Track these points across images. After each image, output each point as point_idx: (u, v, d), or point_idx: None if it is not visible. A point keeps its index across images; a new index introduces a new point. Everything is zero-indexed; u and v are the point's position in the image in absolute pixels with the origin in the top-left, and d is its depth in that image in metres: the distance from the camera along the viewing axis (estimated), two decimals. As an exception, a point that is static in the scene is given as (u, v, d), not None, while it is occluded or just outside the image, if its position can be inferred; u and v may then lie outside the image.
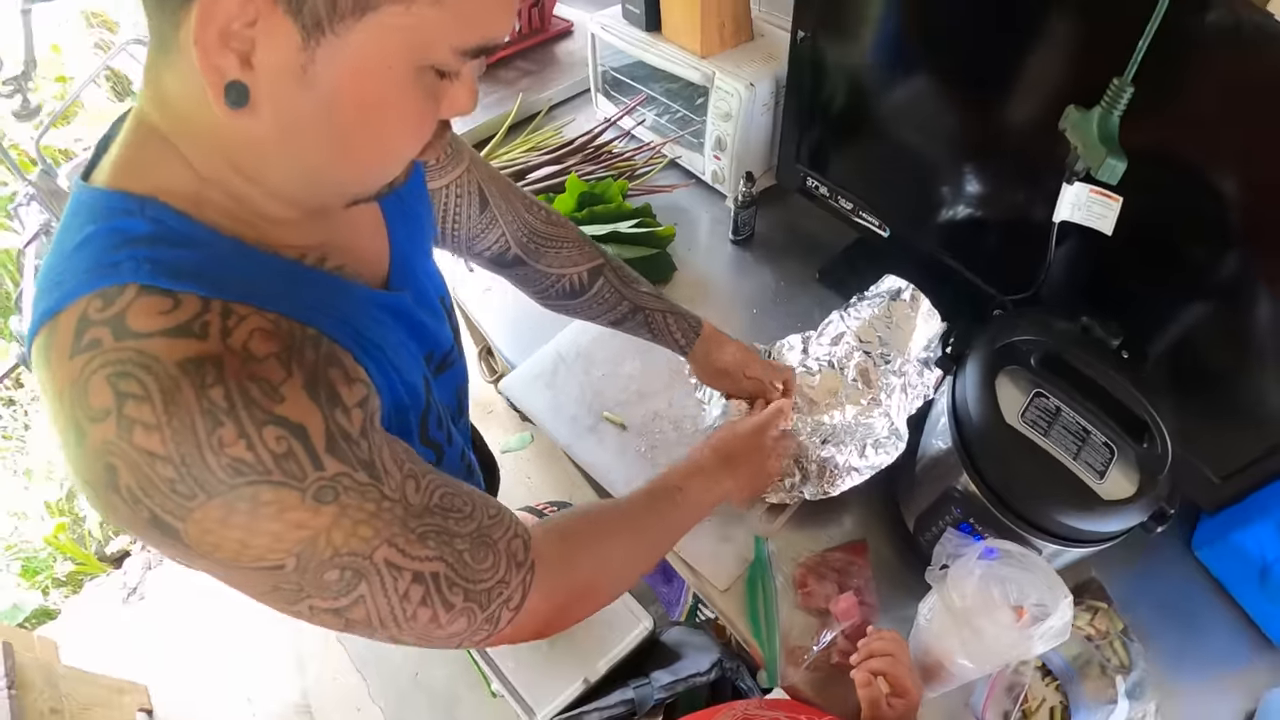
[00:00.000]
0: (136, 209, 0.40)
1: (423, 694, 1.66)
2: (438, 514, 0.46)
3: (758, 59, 1.10)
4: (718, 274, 1.15)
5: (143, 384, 0.36)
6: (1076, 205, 0.74)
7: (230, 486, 0.37)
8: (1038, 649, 0.65)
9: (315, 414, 0.40)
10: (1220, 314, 0.77)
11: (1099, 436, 0.71)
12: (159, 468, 0.36)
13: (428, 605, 0.45)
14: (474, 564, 0.48)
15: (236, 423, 0.37)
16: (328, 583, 0.41)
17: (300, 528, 0.39)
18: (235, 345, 0.38)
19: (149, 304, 0.37)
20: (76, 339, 0.37)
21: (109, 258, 0.39)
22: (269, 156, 0.40)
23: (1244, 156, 0.66)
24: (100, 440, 0.36)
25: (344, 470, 0.40)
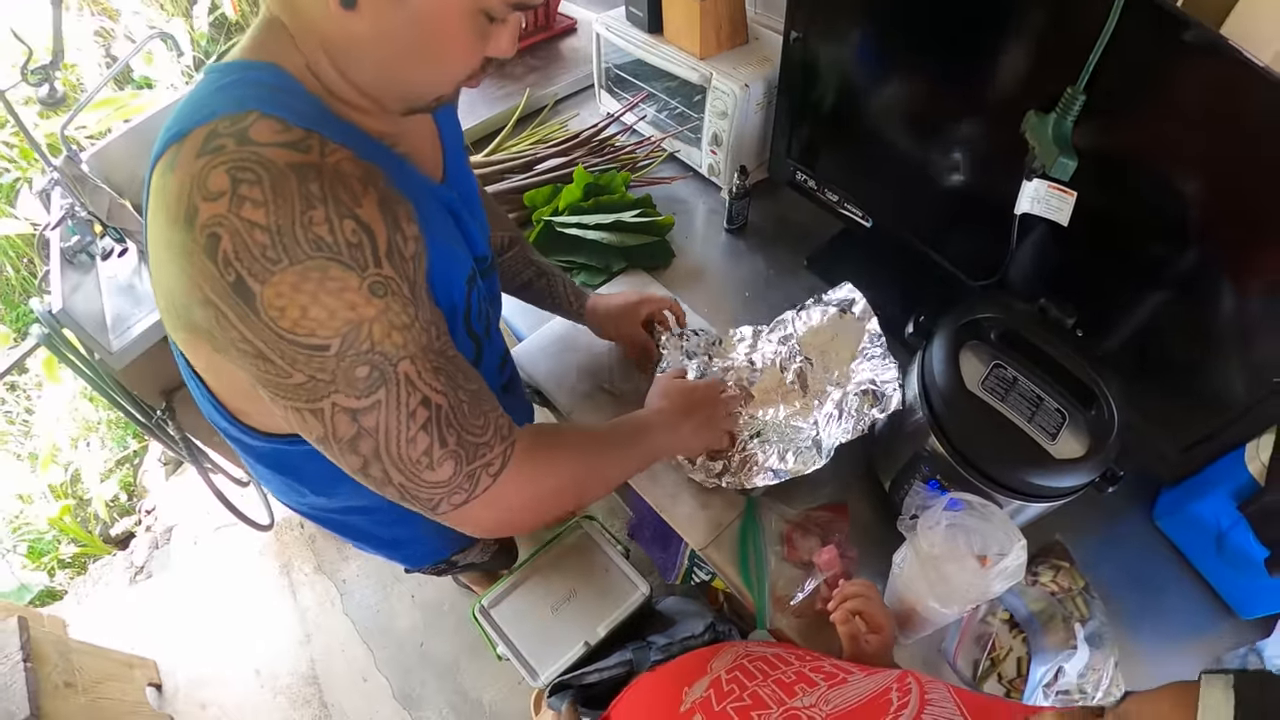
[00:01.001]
0: (262, 67, 0.52)
1: (428, 663, 1.73)
2: (451, 362, 0.56)
3: (753, 61, 1.18)
4: (713, 260, 1.24)
5: (256, 174, 0.45)
6: (1035, 199, 0.83)
7: (309, 257, 0.46)
8: (996, 588, 0.74)
9: (382, 225, 0.50)
10: (1170, 298, 0.85)
11: (1051, 403, 0.80)
12: (257, 235, 0.45)
13: (428, 432, 0.53)
14: (470, 416, 0.56)
15: (325, 208, 0.47)
16: (356, 378, 0.50)
17: (352, 309, 0.48)
18: (330, 162, 0.49)
19: (267, 124, 0.48)
20: (205, 144, 0.47)
21: (239, 95, 0.49)
22: (359, 53, 0.51)
23: (1186, 157, 0.75)
24: (210, 214, 0.45)
25: (394, 277, 0.51)
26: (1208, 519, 0.91)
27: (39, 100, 1.46)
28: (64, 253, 1.45)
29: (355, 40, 0.50)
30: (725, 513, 0.95)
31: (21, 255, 2.58)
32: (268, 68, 0.52)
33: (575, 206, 1.18)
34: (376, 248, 0.49)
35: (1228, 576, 0.93)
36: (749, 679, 0.60)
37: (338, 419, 0.51)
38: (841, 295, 0.99)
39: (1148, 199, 0.81)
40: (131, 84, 2.56)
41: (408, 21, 0.49)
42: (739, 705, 0.57)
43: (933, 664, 0.88)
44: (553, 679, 1.34)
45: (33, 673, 1.49)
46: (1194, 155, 0.74)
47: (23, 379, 2.34)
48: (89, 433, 2.23)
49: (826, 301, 1.00)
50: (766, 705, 0.57)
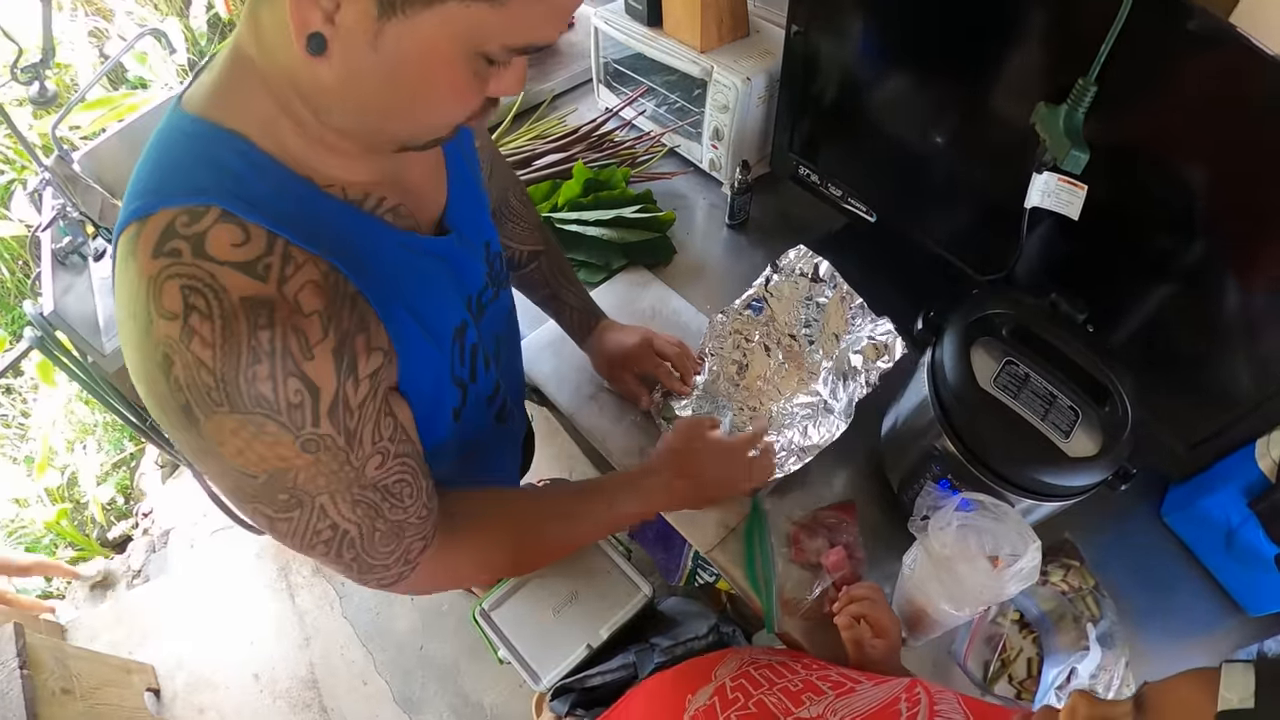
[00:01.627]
0: (227, 140, 0.48)
1: (428, 666, 1.72)
2: (379, 493, 0.56)
3: (754, 54, 1.17)
4: (715, 256, 1.23)
5: (209, 304, 0.44)
6: (1046, 192, 0.81)
7: (248, 410, 0.46)
8: (1010, 589, 0.72)
9: (331, 380, 0.49)
10: (1182, 294, 0.84)
11: (1065, 400, 0.79)
12: (203, 374, 0.44)
13: (327, 549, 0.56)
14: (378, 545, 0.58)
15: (271, 365, 0.46)
16: (276, 499, 0.51)
17: (281, 459, 0.49)
18: (289, 294, 0.46)
19: (225, 233, 0.45)
20: (161, 241, 0.44)
21: (200, 180, 0.46)
22: (331, 99, 0.47)
23: (1198, 150, 0.73)
24: (164, 334, 0.44)
25: (331, 433, 0.50)
26: (1217, 516, 0.90)
27: (30, 99, 1.45)
28: (56, 254, 1.44)
29: (327, 89, 0.46)
30: (731, 514, 0.94)
31: (16, 257, 2.56)
32: (231, 141, 0.48)
33: (575, 203, 1.16)
34: (318, 407, 0.49)
35: (1237, 574, 0.92)
36: (754, 687, 0.59)
37: (256, 516, 0.54)
38: (801, 262, 1.00)
39: (1159, 192, 0.79)
40: (126, 84, 2.54)
41: (386, 69, 0.44)
42: (744, 714, 0.56)
43: (942, 666, 0.87)
44: (555, 682, 1.33)
45: (30, 680, 1.47)
46: (1205, 147, 0.73)
47: (18, 381, 2.32)
48: (85, 435, 2.21)
49: (788, 270, 1.00)
50: (773, 715, 0.56)
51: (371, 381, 0.53)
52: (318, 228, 0.50)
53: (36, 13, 1.29)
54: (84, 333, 1.34)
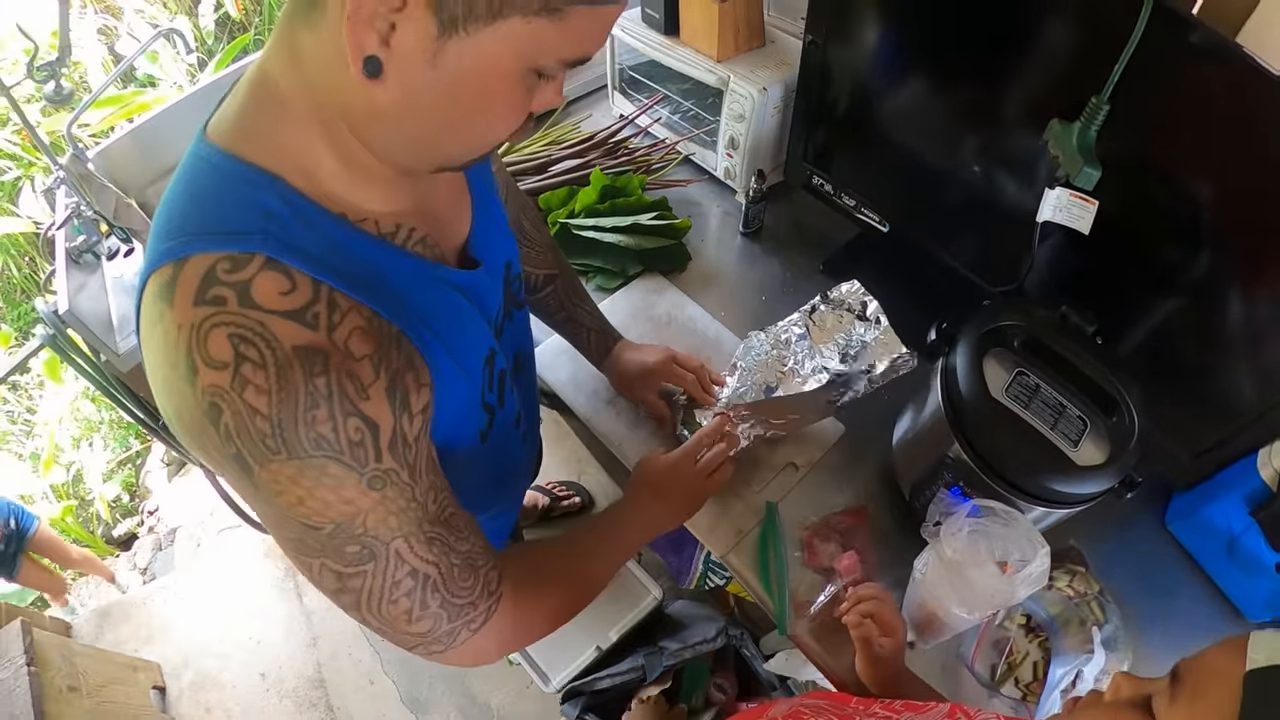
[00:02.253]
0: (266, 184, 0.47)
1: (435, 667, 1.73)
2: (444, 527, 0.55)
3: (770, 64, 1.19)
4: (729, 264, 1.25)
5: (261, 355, 0.43)
6: (1058, 207, 0.84)
7: (309, 454, 0.45)
8: (1020, 594, 0.74)
9: (388, 416, 0.49)
10: (1188, 307, 0.86)
11: (1074, 410, 0.81)
12: (258, 422, 0.44)
13: (410, 599, 0.54)
14: (459, 580, 0.56)
15: (330, 408, 0.45)
16: (346, 553, 0.50)
17: (348, 503, 0.48)
18: (339, 341, 0.46)
19: (271, 281, 0.45)
20: (202, 290, 0.43)
21: (239, 223, 0.46)
22: (384, 122, 0.47)
23: (1208, 169, 0.76)
24: (212, 383, 0.43)
25: (394, 467, 0.49)
26: (1219, 524, 0.92)
27: (45, 97, 1.46)
28: (69, 252, 1.45)
29: (381, 111, 0.46)
30: (746, 519, 0.96)
31: (24, 254, 2.58)
32: (272, 184, 0.47)
33: (591, 209, 1.18)
34: (379, 442, 0.48)
35: (1238, 581, 0.94)
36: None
37: (324, 575, 0.52)
38: (852, 297, 0.98)
39: (1167, 208, 0.82)
40: (135, 82, 2.55)
41: (444, 86, 0.44)
42: None
43: (951, 669, 0.89)
44: (564, 683, 1.35)
45: (36, 677, 1.49)
46: (1213, 164, 0.75)
47: (24, 379, 2.34)
48: (90, 433, 2.23)
49: (837, 301, 0.98)
50: None
51: (424, 416, 0.53)
52: (356, 269, 0.50)
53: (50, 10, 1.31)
54: (98, 331, 1.35)
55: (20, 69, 1.34)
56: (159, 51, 2.36)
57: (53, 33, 1.81)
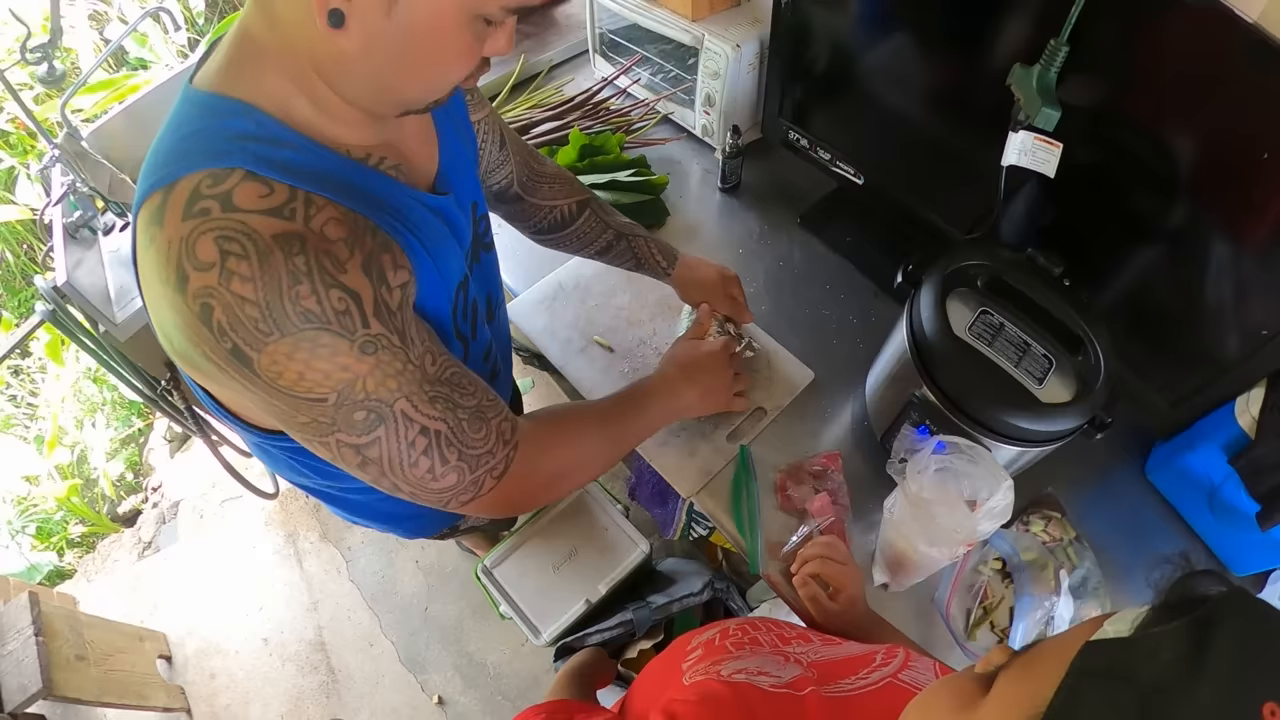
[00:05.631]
0: (244, 111, 0.51)
1: (433, 627, 1.78)
2: (447, 385, 0.59)
3: (744, 22, 1.20)
4: (707, 219, 1.26)
5: (243, 247, 0.47)
6: (1022, 151, 0.84)
7: (299, 329, 0.48)
8: (984, 528, 0.76)
9: (367, 287, 0.52)
10: (1156, 251, 0.87)
11: (1039, 349, 0.82)
12: (247, 309, 0.47)
13: (428, 456, 0.58)
14: (470, 432, 0.60)
15: (311, 282, 0.48)
16: (355, 421, 0.53)
17: (345, 370, 0.51)
18: (315, 228, 0.50)
19: (251, 188, 0.48)
20: (189, 205, 0.47)
21: (221, 146, 0.50)
22: (349, 68, 0.51)
23: (1169, 111, 0.76)
24: (201, 285, 0.47)
25: (384, 332, 0.52)
26: (1199, 473, 0.93)
27: (39, 78, 1.48)
28: (67, 228, 1.47)
29: (346, 58, 0.50)
30: (713, 460, 0.98)
31: (21, 241, 2.61)
32: (249, 112, 0.52)
33: (571, 168, 1.20)
34: (363, 310, 0.51)
35: (1220, 532, 0.95)
36: (752, 629, 0.64)
37: (344, 451, 0.55)
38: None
39: (1132, 151, 0.82)
40: (126, 65, 2.57)
41: (399, 34, 0.49)
42: (735, 640, 0.61)
43: (925, 614, 0.91)
44: (554, 635, 1.38)
45: (44, 646, 1.52)
46: (1175, 107, 0.76)
47: (26, 362, 2.37)
48: (93, 413, 2.26)
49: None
50: (760, 643, 0.60)
51: (403, 292, 0.56)
52: (331, 180, 0.53)
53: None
54: (97, 304, 1.38)
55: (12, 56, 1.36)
56: (148, 34, 2.38)
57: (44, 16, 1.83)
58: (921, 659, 0.57)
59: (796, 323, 1.11)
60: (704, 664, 0.56)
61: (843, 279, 1.17)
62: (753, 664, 0.55)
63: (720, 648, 0.60)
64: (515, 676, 1.68)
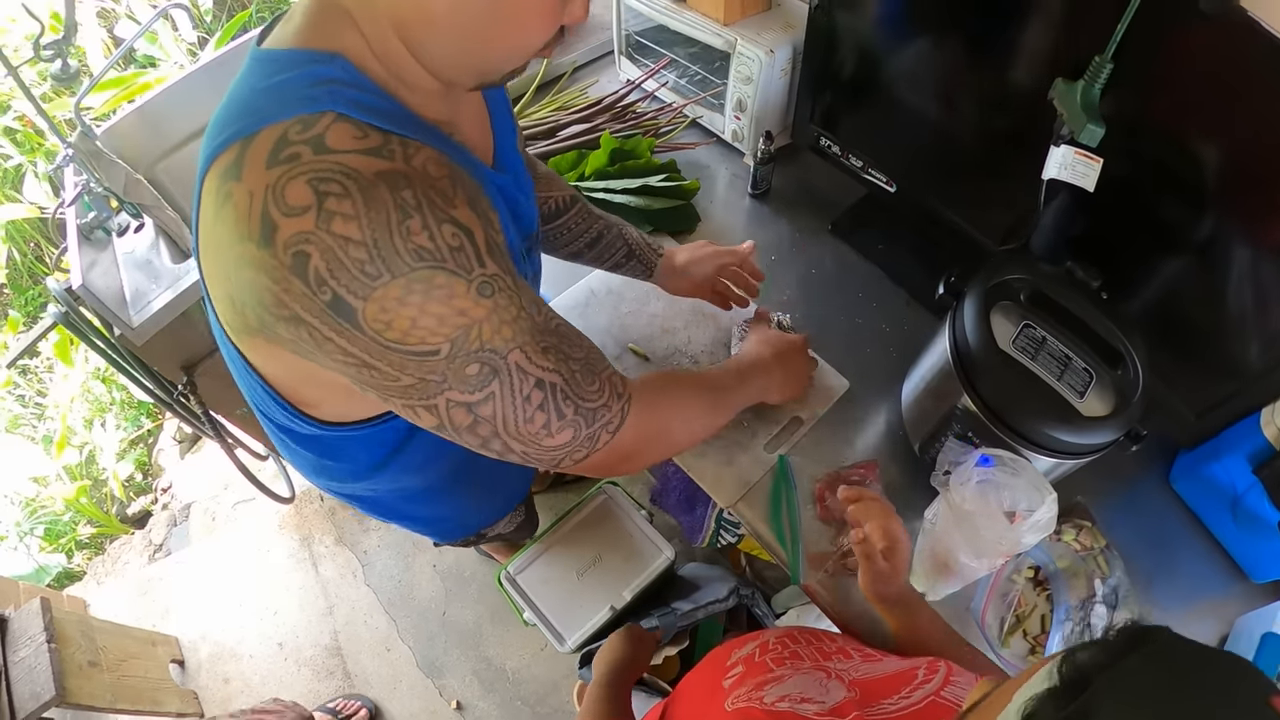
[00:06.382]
0: (327, 59, 0.50)
1: (451, 632, 1.78)
2: (555, 336, 0.56)
3: (776, 27, 1.21)
4: (737, 225, 1.27)
5: (344, 185, 0.44)
6: (1063, 165, 0.85)
7: (412, 268, 0.45)
8: (1028, 540, 0.77)
9: (478, 223, 0.50)
10: (1191, 264, 0.88)
11: (1080, 363, 0.84)
12: (352, 250, 0.44)
13: (544, 411, 0.55)
14: (584, 384, 0.58)
15: (422, 216, 0.46)
16: (468, 375, 0.50)
17: (461, 314, 0.48)
18: (416, 166, 0.48)
19: (344, 129, 0.46)
20: (274, 153, 0.45)
21: (308, 92, 0.48)
22: (434, 29, 0.49)
23: (1210, 129, 0.77)
24: (295, 230, 0.43)
25: (499, 272, 0.50)
26: (1223, 482, 0.94)
27: (52, 75, 1.49)
28: (80, 229, 1.47)
29: (432, 15, 0.48)
30: (751, 470, 0.99)
31: (29, 239, 2.61)
32: (333, 59, 0.50)
33: (601, 172, 1.21)
34: (477, 247, 0.49)
35: (1242, 540, 0.96)
36: (793, 642, 0.64)
37: (454, 412, 0.53)
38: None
39: (1171, 166, 0.83)
40: (134, 64, 2.57)
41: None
42: (778, 657, 0.61)
43: (961, 621, 0.92)
44: (579, 642, 1.39)
45: (57, 653, 1.53)
46: (1216, 124, 0.77)
47: (34, 362, 2.38)
48: (102, 413, 2.27)
49: None
50: (801, 659, 0.61)
51: (501, 236, 0.54)
52: (423, 134, 0.52)
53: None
54: (112, 306, 1.39)
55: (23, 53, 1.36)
56: (158, 32, 2.38)
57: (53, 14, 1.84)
58: (964, 673, 0.57)
59: (830, 330, 1.12)
60: (746, 688, 0.56)
61: (874, 286, 1.18)
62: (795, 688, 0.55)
63: (761, 665, 0.60)
64: (535, 681, 1.70)
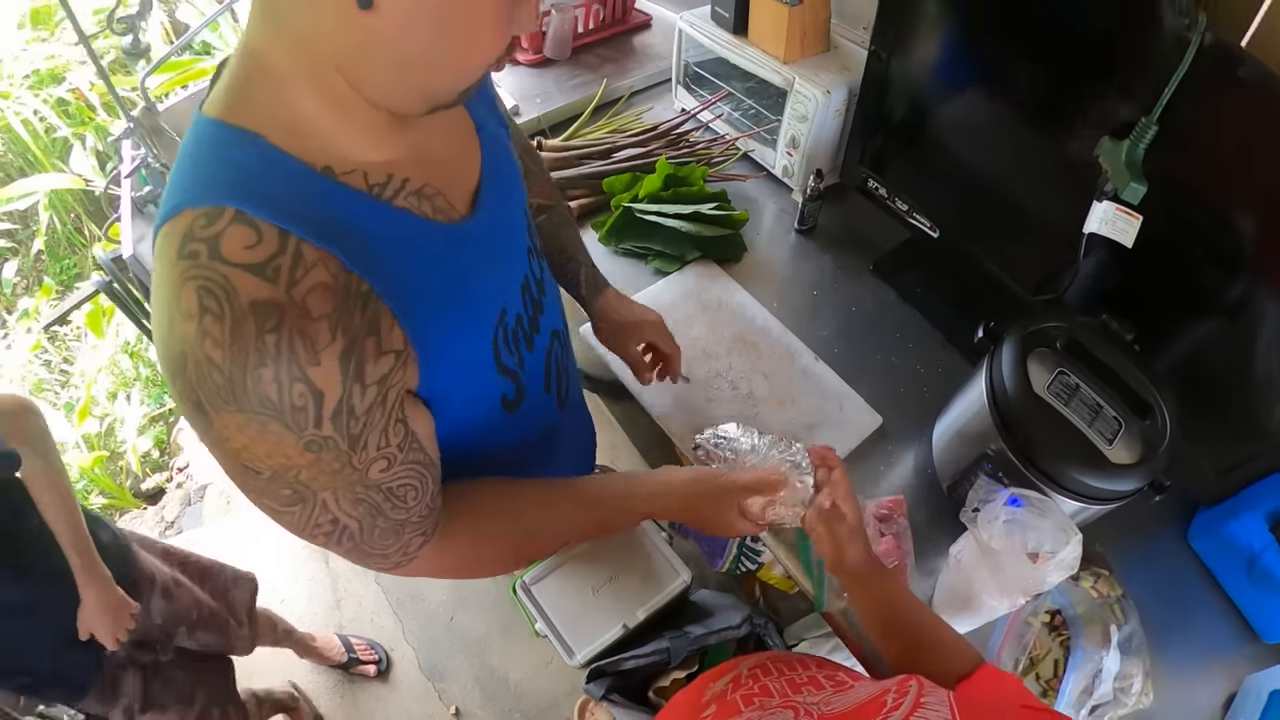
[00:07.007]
0: (243, 142, 0.51)
1: (456, 637, 1.82)
2: (382, 494, 0.60)
3: (833, 69, 1.28)
4: (782, 258, 1.33)
5: (220, 307, 0.47)
6: (1104, 220, 0.91)
7: (254, 411, 0.49)
8: (1051, 579, 0.81)
9: (336, 385, 0.51)
10: (1222, 327, 0.93)
11: (1110, 411, 0.89)
12: (213, 374, 0.48)
13: (327, 539, 0.60)
14: (379, 540, 0.63)
15: (276, 369, 0.48)
16: (280, 494, 0.55)
17: (284, 457, 0.52)
18: (298, 297, 0.49)
19: (239, 234, 0.48)
20: (183, 244, 0.48)
21: (216, 180, 0.50)
22: (378, 54, 0.50)
23: (1247, 194, 0.83)
24: (182, 334, 0.48)
25: (333, 436, 0.53)
26: (1240, 540, 0.98)
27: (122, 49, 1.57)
28: (135, 201, 1.55)
29: (376, 42, 0.49)
30: (780, 499, 1.03)
31: (69, 210, 2.70)
32: (249, 142, 0.51)
33: (655, 195, 1.27)
34: (320, 412, 0.51)
35: (1255, 600, 0.99)
36: (764, 675, 0.67)
37: (263, 507, 0.58)
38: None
39: (1208, 228, 0.89)
40: (190, 49, 2.68)
41: (433, 10, 0.47)
42: (748, 693, 0.64)
43: (975, 659, 0.96)
44: (589, 658, 1.42)
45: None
46: (1253, 191, 0.82)
47: (65, 330, 2.46)
48: (126, 387, 2.34)
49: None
50: (770, 695, 0.63)
51: (380, 386, 0.56)
52: (332, 221, 0.52)
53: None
54: (158, 278, 1.45)
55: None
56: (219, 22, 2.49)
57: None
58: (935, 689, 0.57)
59: (865, 367, 1.17)
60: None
61: (912, 328, 1.23)
62: None
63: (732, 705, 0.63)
64: (536, 695, 1.72)
